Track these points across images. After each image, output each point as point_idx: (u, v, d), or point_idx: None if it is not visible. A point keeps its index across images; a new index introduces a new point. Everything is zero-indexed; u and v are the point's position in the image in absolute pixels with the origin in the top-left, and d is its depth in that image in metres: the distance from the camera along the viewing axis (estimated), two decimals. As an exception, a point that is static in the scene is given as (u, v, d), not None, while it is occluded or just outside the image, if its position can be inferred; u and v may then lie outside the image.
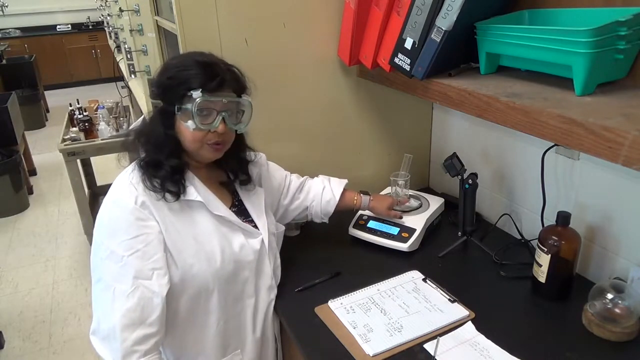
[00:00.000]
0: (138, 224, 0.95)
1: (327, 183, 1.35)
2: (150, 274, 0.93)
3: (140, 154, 1.02)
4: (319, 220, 1.36)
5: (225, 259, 1.03)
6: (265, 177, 1.24)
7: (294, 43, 1.35)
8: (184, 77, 0.96)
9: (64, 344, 2.32)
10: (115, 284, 0.92)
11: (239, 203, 1.14)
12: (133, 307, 0.91)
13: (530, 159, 1.28)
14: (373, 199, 1.36)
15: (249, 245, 1.08)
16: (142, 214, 0.96)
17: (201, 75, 0.96)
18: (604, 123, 0.73)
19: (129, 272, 0.92)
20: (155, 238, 0.96)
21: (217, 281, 1.03)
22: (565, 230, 1.09)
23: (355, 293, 1.17)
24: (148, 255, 0.94)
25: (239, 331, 1.11)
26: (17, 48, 6.63)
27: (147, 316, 0.92)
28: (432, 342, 1.01)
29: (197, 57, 1.00)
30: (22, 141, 3.99)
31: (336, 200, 1.32)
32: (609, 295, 1.01)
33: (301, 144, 1.46)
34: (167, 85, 0.98)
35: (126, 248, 0.93)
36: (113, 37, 4.37)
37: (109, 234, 0.95)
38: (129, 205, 0.95)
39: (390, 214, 1.35)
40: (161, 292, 0.93)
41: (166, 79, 0.98)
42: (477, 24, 1.02)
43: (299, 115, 1.44)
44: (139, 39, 2.42)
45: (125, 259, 0.92)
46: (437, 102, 1.08)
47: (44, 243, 3.20)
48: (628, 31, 0.80)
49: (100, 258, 0.95)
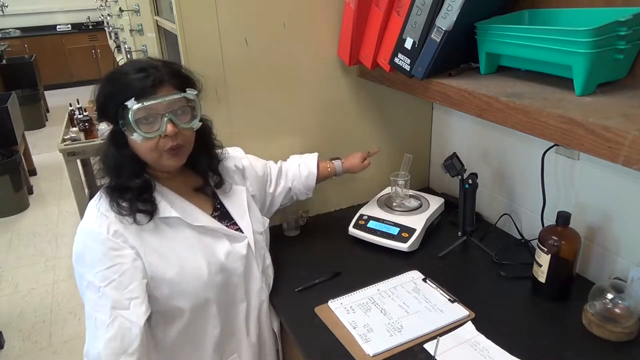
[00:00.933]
0: (111, 254, 0.93)
1: (301, 160, 1.36)
2: (127, 303, 0.92)
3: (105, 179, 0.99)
4: (305, 197, 1.37)
5: (212, 271, 1.02)
6: (249, 171, 1.22)
7: (294, 43, 1.35)
8: (117, 90, 0.92)
9: (64, 344, 2.32)
10: (95, 313, 0.92)
11: (220, 206, 1.12)
12: (113, 337, 0.90)
13: (530, 159, 1.28)
14: (345, 161, 1.39)
15: (235, 252, 1.07)
16: (114, 243, 0.93)
17: (133, 82, 0.91)
18: (604, 123, 0.73)
19: (106, 302, 0.91)
20: (130, 267, 0.93)
21: (208, 292, 1.02)
22: (565, 230, 1.09)
23: (355, 293, 1.17)
24: (123, 285, 0.92)
25: (234, 336, 1.11)
26: (17, 48, 6.63)
27: (127, 346, 0.91)
28: (432, 342, 1.01)
29: (126, 67, 0.96)
30: (22, 141, 3.99)
31: (314, 172, 1.34)
32: (609, 295, 1.01)
33: (301, 143, 1.46)
34: (105, 104, 0.94)
35: (102, 279, 0.91)
36: (113, 37, 4.36)
37: (85, 265, 0.93)
38: (100, 236, 0.93)
39: (364, 165, 1.40)
40: (139, 322, 0.92)
41: (103, 98, 0.94)
42: (477, 24, 1.02)
43: (298, 115, 1.44)
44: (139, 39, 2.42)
45: (102, 290, 0.91)
46: (437, 102, 1.08)
47: (44, 243, 3.20)
48: (628, 31, 0.80)
49: (83, 286, 0.94)
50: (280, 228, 1.46)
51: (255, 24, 1.29)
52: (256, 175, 1.24)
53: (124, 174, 0.97)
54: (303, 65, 1.39)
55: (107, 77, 0.96)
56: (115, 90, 0.93)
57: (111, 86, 0.94)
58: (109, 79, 0.95)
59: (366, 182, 1.58)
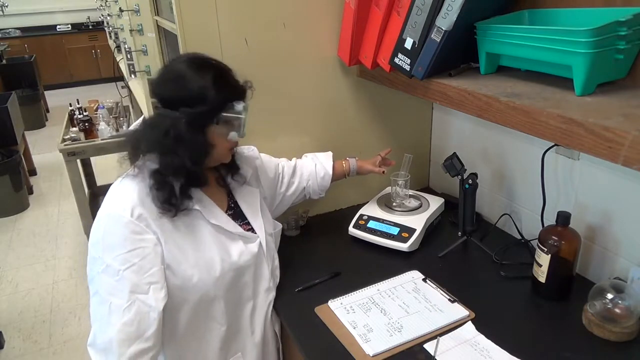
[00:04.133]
0: (134, 238, 0.93)
1: (317, 160, 1.38)
2: (146, 288, 0.92)
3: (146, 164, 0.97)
4: (317, 197, 1.39)
5: (225, 267, 1.03)
6: (262, 171, 1.24)
7: (294, 43, 1.35)
8: (227, 86, 0.96)
9: (64, 344, 2.32)
10: (111, 298, 0.90)
11: (234, 205, 1.14)
12: (129, 322, 0.90)
13: (530, 159, 1.28)
14: (358, 160, 1.41)
15: (248, 251, 1.08)
16: (138, 227, 0.93)
17: (237, 83, 0.98)
18: (604, 123, 0.73)
19: (125, 286, 0.90)
20: (151, 251, 0.94)
21: (217, 289, 1.03)
22: (565, 230, 1.09)
23: (355, 293, 1.17)
24: (144, 269, 0.92)
25: (239, 335, 1.11)
26: (17, 48, 6.63)
27: (143, 331, 0.91)
28: (432, 342, 1.01)
29: (222, 65, 0.99)
30: (22, 141, 3.99)
31: (330, 174, 1.36)
32: (609, 295, 1.01)
33: (301, 143, 1.46)
34: (208, 95, 0.93)
35: (122, 262, 0.91)
36: (113, 37, 4.36)
37: (104, 248, 0.92)
38: (124, 218, 0.93)
39: (375, 169, 1.39)
40: (158, 306, 0.92)
41: (210, 88, 0.94)
42: (477, 24, 1.02)
43: (298, 115, 1.44)
44: (139, 39, 2.42)
45: (121, 273, 0.91)
46: (437, 102, 1.08)
47: (44, 243, 3.20)
48: (628, 31, 0.80)
49: (97, 272, 0.93)
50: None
51: (255, 24, 1.29)
52: (267, 177, 1.26)
53: (200, 161, 0.98)
54: (303, 65, 1.39)
55: (214, 67, 0.98)
56: (225, 85, 0.97)
57: (222, 80, 0.96)
58: (220, 71, 0.97)
59: (366, 182, 1.58)
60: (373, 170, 1.39)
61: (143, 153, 0.98)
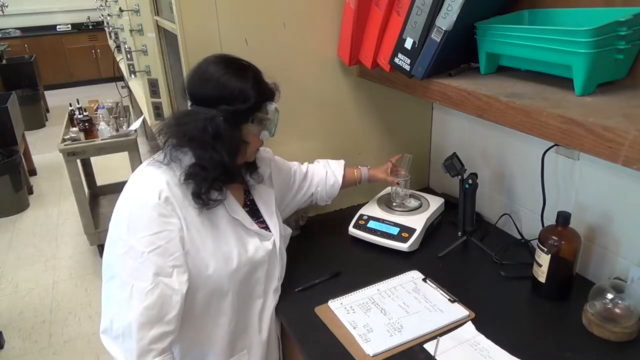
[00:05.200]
0: (160, 220, 0.93)
1: (328, 167, 1.38)
2: (170, 271, 0.92)
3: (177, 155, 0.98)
4: (323, 203, 1.40)
5: (241, 261, 1.04)
6: (275, 173, 1.25)
7: (294, 43, 1.35)
8: (261, 86, 0.99)
9: (64, 344, 2.32)
10: (133, 280, 0.90)
11: (250, 203, 1.15)
12: (152, 305, 0.89)
13: (530, 159, 1.28)
14: (370, 168, 1.41)
15: (263, 247, 1.09)
16: (165, 209, 0.94)
17: (269, 87, 1.01)
18: (604, 123, 0.73)
19: (149, 268, 0.90)
20: (176, 235, 0.95)
21: (231, 282, 1.03)
22: (565, 230, 1.09)
23: (355, 293, 1.17)
24: (169, 252, 0.93)
25: (246, 332, 1.11)
26: (17, 48, 6.63)
27: (165, 314, 0.91)
28: (432, 342, 1.01)
29: (252, 66, 1.01)
30: (22, 141, 3.99)
31: (339, 182, 1.37)
32: (609, 295, 1.01)
33: (301, 143, 1.46)
34: (248, 95, 0.96)
35: (147, 244, 0.91)
36: (113, 37, 4.37)
37: (129, 229, 0.92)
38: (152, 201, 0.93)
39: (388, 179, 1.39)
40: (181, 289, 0.93)
41: (249, 89, 0.96)
42: (477, 24, 1.02)
43: (298, 115, 1.44)
44: (139, 39, 2.42)
45: (146, 255, 0.91)
46: (437, 102, 1.08)
47: (44, 243, 3.20)
48: (628, 31, 0.80)
49: (117, 254, 0.92)
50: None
51: (255, 24, 1.29)
52: (280, 180, 1.27)
53: (236, 157, 1.00)
54: (303, 65, 1.39)
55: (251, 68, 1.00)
56: (262, 86, 1.00)
57: (260, 81, 0.99)
58: (257, 73, 1.00)
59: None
60: (386, 179, 1.40)
61: (174, 145, 0.98)
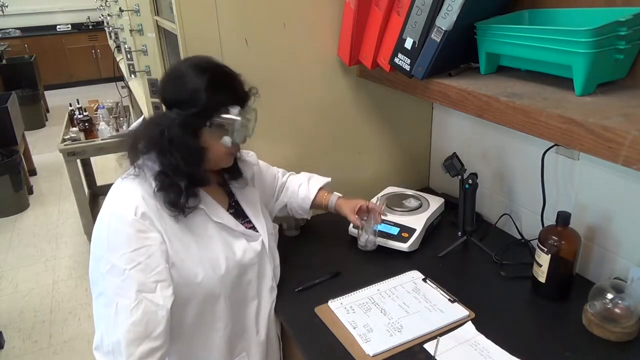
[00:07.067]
0: (138, 236, 0.92)
1: (306, 180, 1.35)
2: (153, 286, 0.91)
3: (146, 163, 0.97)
4: (299, 217, 1.37)
5: (229, 265, 1.03)
6: (258, 178, 1.24)
7: (294, 43, 1.35)
8: (224, 89, 0.95)
9: (64, 344, 2.32)
10: (117, 298, 0.89)
11: (235, 204, 1.14)
12: (137, 321, 0.88)
13: (530, 159, 1.28)
14: (340, 199, 1.32)
15: (251, 249, 1.08)
16: (142, 225, 0.92)
17: (238, 88, 0.97)
18: (604, 123, 0.73)
19: (131, 285, 0.89)
20: (157, 249, 0.93)
21: (222, 287, 1.02)
22: (565, 230, 1.09)
23: (355, 293, 1.17)
24: (150, 267, 0.91)
25: (244, 334, 1.11)
26: (17, 48, 6.63)
27: (152, 330, 0.90)
28: (432, 342, 1.01)
29: (225, 68, 0.98)
30: (22, 141, 3.99)
31: (310, 198, 1.31)
32: (609, 295, 1.01)
33: (301, 144, 1.46)
34: (201, 97, 0.93)
35: (127, 261, 0.90)
36: (113, 37, 4.37)
37: (109, 248, 0.91)
38: (128, 217, 0.92)
39: (351, 217, 1.26)
40: (166, 304, 0.91)
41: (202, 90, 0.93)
42: (477, 24, 1.02)
43: (298, 115, 1.44)
44: (139, 39, 2.42)
45: (127, 273, 0.89)
46: (437, 102, 1.08)
47: (44, 243, 3.20)
48: (628, 31, 0.80)
49: (101, 272, 0.91)
50: (280, 228, 1.46)
51: (255, 24, 1.29)
52: (264, 185, 1.27)
53: (195, 164, 0.97)
54: (303, 65, 1.39)
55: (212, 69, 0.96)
56: (221, 89, 0.95)
57: (218, 84, 0.94)
58: (218, 75, 0.96)
59: (366, 182, 1.58)
60: (348, 216, 1.27)
61: (141, 152, 0.98)
